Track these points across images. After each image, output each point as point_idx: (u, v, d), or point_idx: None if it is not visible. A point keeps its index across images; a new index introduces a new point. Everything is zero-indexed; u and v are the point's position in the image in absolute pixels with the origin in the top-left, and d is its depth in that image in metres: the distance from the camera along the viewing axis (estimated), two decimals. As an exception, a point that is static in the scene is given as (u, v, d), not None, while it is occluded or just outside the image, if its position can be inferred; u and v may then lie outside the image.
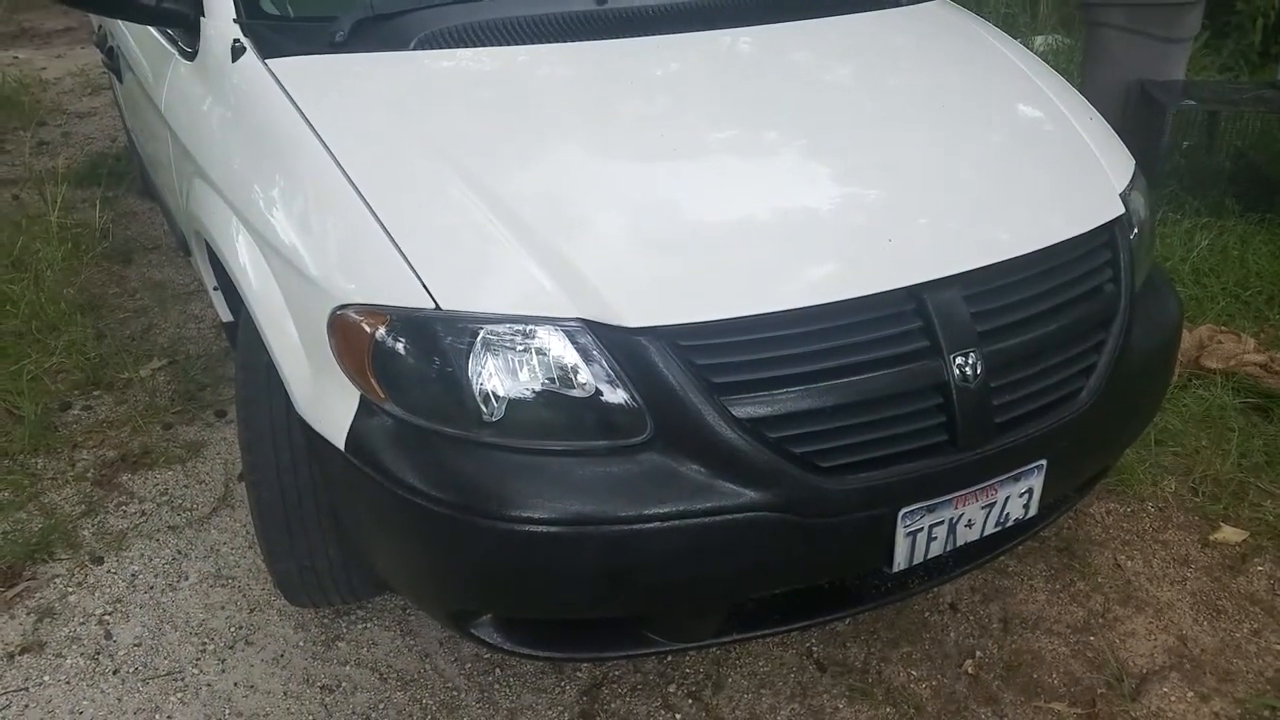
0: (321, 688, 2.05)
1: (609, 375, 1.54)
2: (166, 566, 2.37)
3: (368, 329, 1.58)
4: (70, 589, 2.31)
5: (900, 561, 1.68)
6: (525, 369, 1.55)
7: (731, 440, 1.53)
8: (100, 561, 2.39)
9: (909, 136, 1.94)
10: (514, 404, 1.55)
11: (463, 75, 2.00)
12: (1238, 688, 2.02)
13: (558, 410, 1.56)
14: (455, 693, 2.03)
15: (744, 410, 1.55)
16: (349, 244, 1.67)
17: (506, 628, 1.71)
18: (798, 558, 1.64)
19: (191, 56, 2.17)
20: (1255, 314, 3.32)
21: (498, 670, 2.07)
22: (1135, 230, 1.97)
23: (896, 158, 1.87)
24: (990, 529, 1.77)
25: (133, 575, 2.35)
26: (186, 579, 2.34)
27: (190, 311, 3.57)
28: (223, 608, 2.25)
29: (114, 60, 3.08)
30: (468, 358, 1.55)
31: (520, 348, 1.55)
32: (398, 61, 1.98)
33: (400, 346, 1.57)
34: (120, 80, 3.14)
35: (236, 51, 1.98)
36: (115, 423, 2.90)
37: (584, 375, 1.55)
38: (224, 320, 2.42)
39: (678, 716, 1.97)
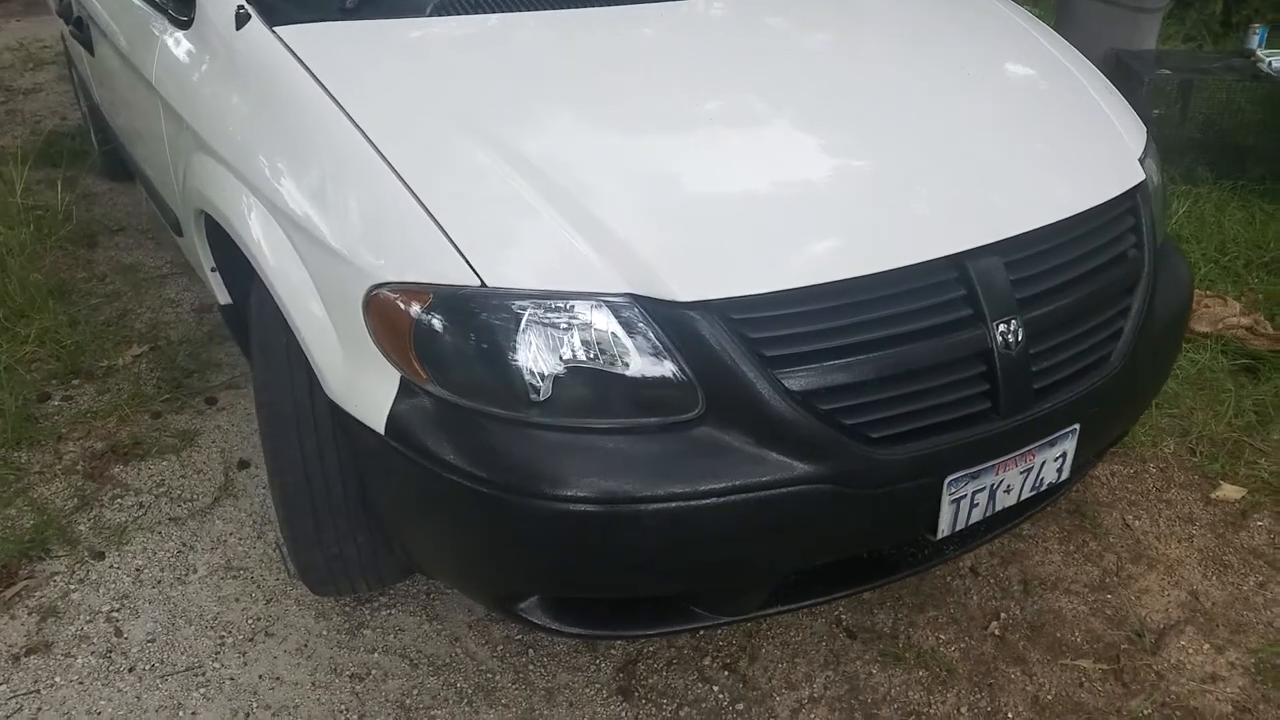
0: (350, 676, 2.01)
1: (659, 350, 1.52)
2: (172, 560, 2.31)
3: (408, 308, 1.54)
4: (72, 586, 2.23)
5: (944, 529, 1.70)
6: (573, 346, 1.52)
7: (785, 413, 1.53)
8: (101, 557, 2.31)
9: (939, 105, 1.94)
10: (562, 382, 1.52)
11: (483, 41, 1.95)
12: (1250, 639, 2.08)
13: (607, 388, 1.54)
14: (489, 675, 2.01)
15: (796, 383, 1.54)
16: (382, 219, 1.61)
17: (554, 608, 1.69)
18: (847, 529, 1.64)
19: (186, 25, 2.08)
20: (1234, 278, 3.40)
21: (531, 651, 2.05)
22: (1153, 196, 2.00)
23: (930, 126, 1.87)
24: (1026, 494, 1.79)
25: (137, 570, 2.28)
26: (195, 571, 2.27)
27: (166, 295, 3.47)
28: (237, 599, 2.20)
29: (84, 31, 2.95)
30: (515, 336, 1.51)
31: (567, 324, 1.52)
32: (413, 28, 1.92)
33: (444, 326, 1.53)
34: (91, 53, 3.00)
35: (241, 18, 1.91)
36: (100, 413, 2.81)
37: (634, 351, 1.52)
38: (221, 303, 2.34)
39: (715, 688, 1.98)
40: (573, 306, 1.52)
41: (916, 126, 1.86)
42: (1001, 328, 1.64)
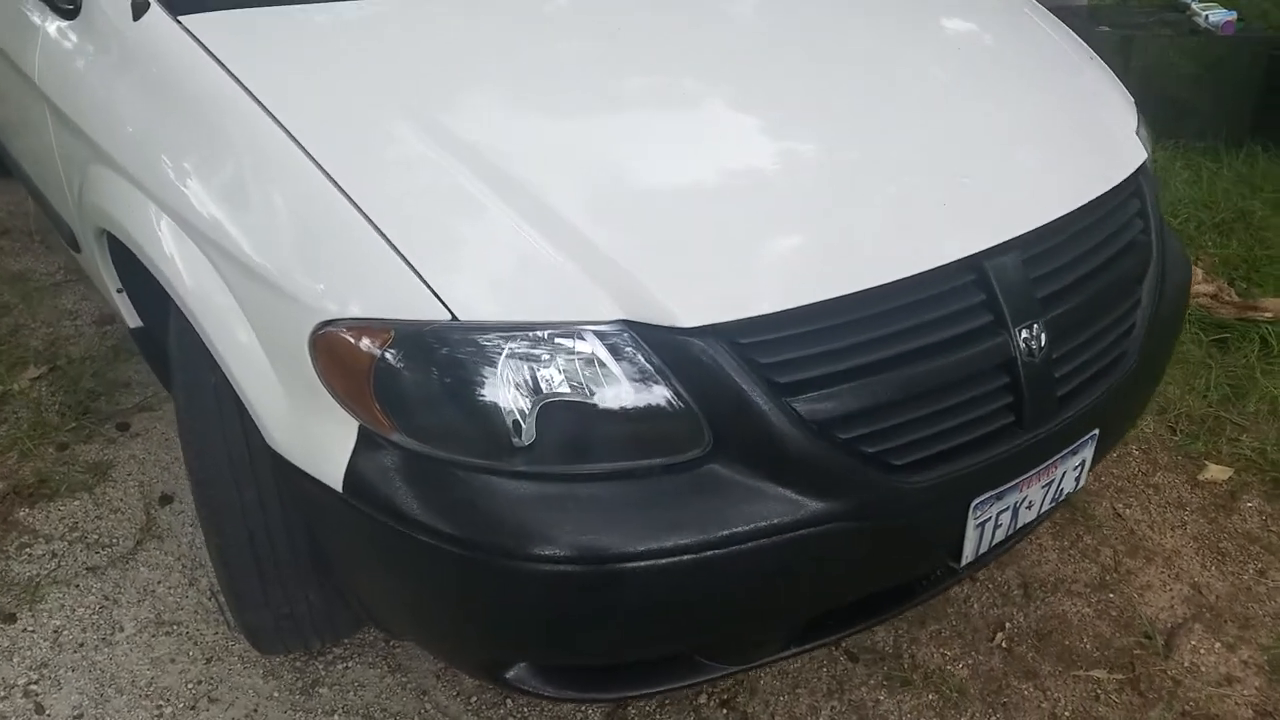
0: (310, 744, 1.81)
1: (659, 383, 1.33)
2: (94, 617, 2.05)
3: (366, 348, 1.32)
4: (-20, 657, 1.97)
5: (968, 555, 1.56)
6: (560, 383, 1.32)
7: (802, 446, 1.35)
8: (12, 619, 2.04)
9: (937, 95, 1.77)
10: (548, 425, 1.32)
11: (424, 23, 1.71)
12: (1259, 634, 2.01)
13: (600, 428, 1.34)
14: (465, 732, 1.82)
15: (811, 411, 1.37)
16: (325, 242, 1.38)
17: (545, 672, 1.50)
18: (870, 565, 1.49)
19: (72, 14, 1.79)
20: (1188, 241, 3.34)
21: (508, 701, 1.87)
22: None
23: (930, 119, 1.70)
24: (1045, 507, 1.67)
25: (55, 632, 2.02)
26: (122, 630, 2.02)
27: (62, 306, 3.13)
28: (173, 660, 1.96)
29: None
30: (493, 375, 1.31)
31: (552, 359, 1.32)
32: (339, 11, 1.68)
33: (408, 367, 1.32)
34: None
35: (139, 7, 1.64)
36: (-3, 447, 2.51)
37: (629, 385, 1.33)
38: (131, 326, 2.07)
39: (714, 730, 1.83)
40: (558, 338, 1.32)
41: (917, 120, 1.69)
42: (1024, 333, 1.50)
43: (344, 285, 1.35)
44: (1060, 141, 1.77)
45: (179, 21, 1.59)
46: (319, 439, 1.40)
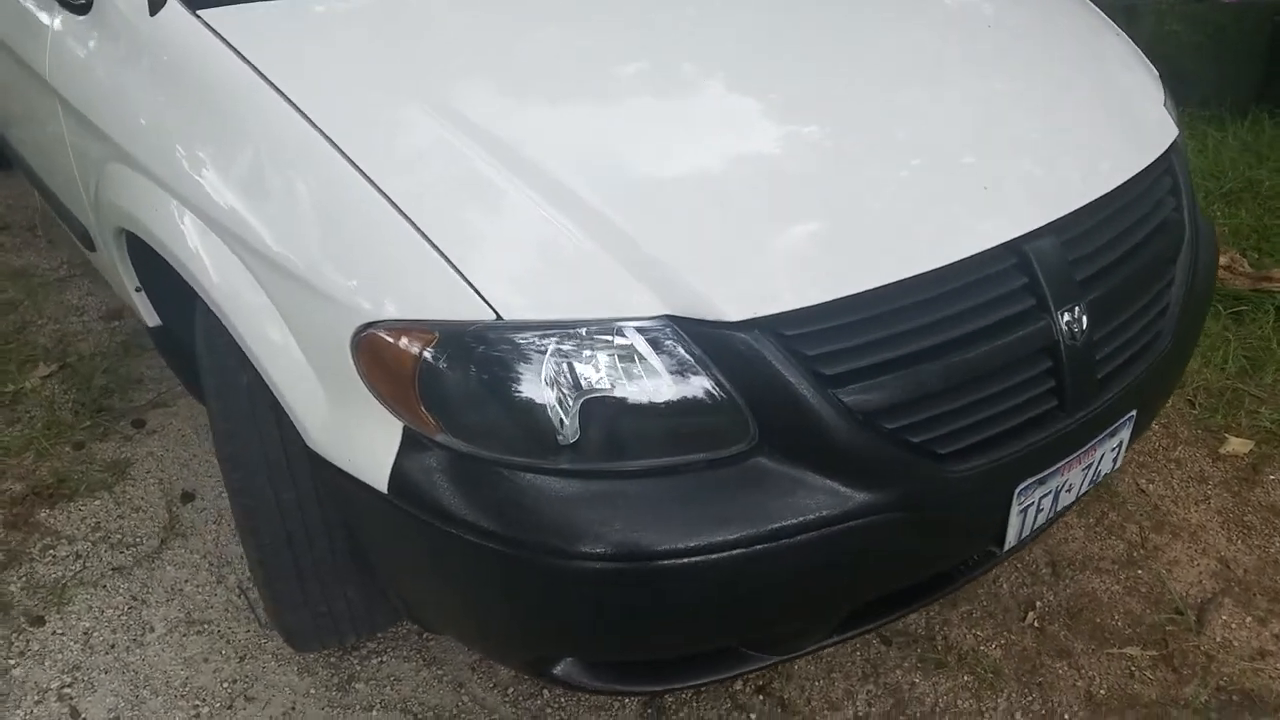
0: (349, 741, 1.80)
1: (704, 377, 1.32)
2: (124, 618, 2.04)
3: (411, 350, 1.30)
4: (12, 660, 1.95)
5: (1011, 540, 1.56)
6: (604, 380, 1.31)
7: (849, 437, 1.35)
8: (41, 622, 2.03)
9: (969, 75, 1.75)
10: (593, 422, 1.31)
11: (444, 12, 1.69)
12: (1290, 606, 2.02)
13: (647, 423, 1.33)
14: (504, 725, 1.82)
15: (857, 402, 1.36)
16: (363, 242, 1.36)
17: (592, 667, 1.50)
18: (916, 554, 1.49)
19: (84, 9, 1.75)
20: (1199, 211, 3.33)
21: (545, 693, 1.87)
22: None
23: (963, 101, 1.68)
24: (1084, 490, 1.67)
25: (86, 634, 2.00)
26: (152, 630, 2.01)
27: (68, 302, 3.11)
28: (206, 659, 1.95)
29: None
30: (538, 373, 1.29)
31: (597, 356, 1.31)
32: (362, 4, 1.65)
33: (454, 368, 1.30)
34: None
35: (155, 3, 1.60)
36: (11, 448, 2.48)
37: (675, 380, 1.32)
38: (150, 325, 2.05)
39: (752, 716, 1.83)
40: (602, 334, 1.30)
41: (950, 102, 1.67)
42: (1066, 316, 1.49)
43: (385, 285, 1.33)
44: (1093, 121, 1.75)
45: (198, 16, 1.56)
46: (361, 440, 1.39)
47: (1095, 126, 1.75)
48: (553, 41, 1.67)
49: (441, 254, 1.30)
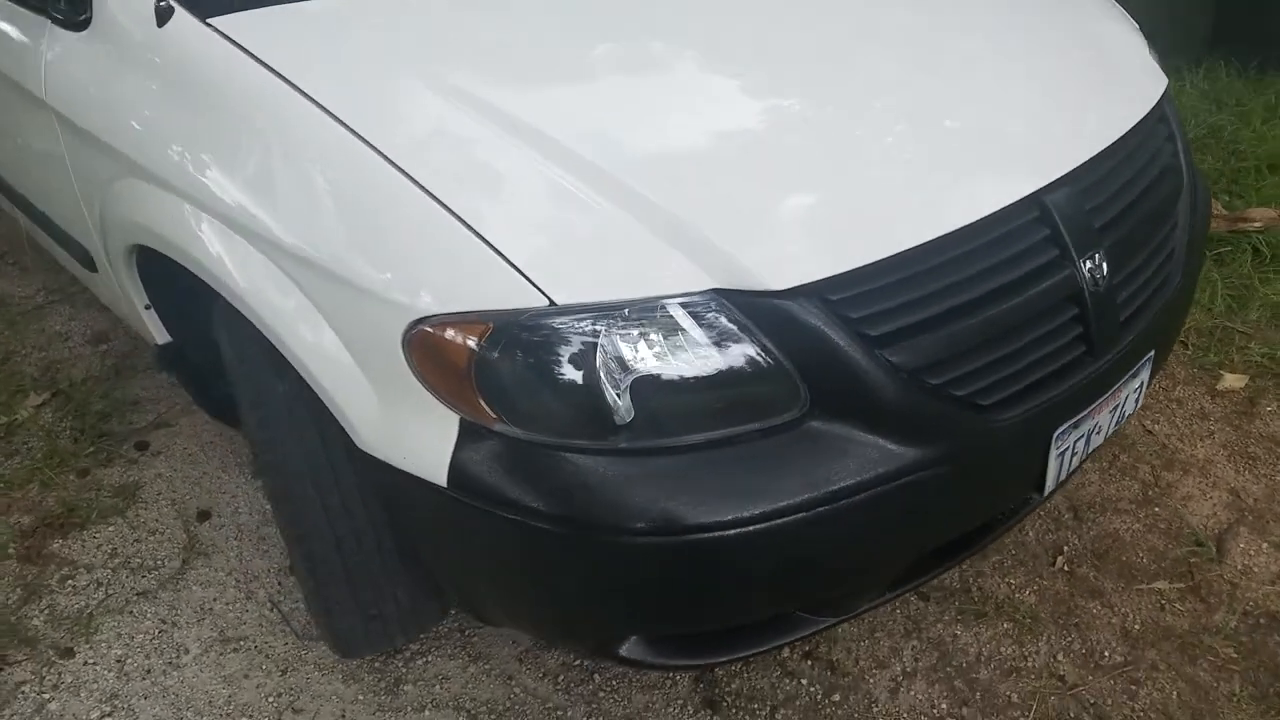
0: (405, 743, 1.80)
1: (754, 347, 1.33)
2: (156, 642, 2.01)
3: (465, 343, 1.31)
4: (46, 695, 1.92)
5: (1050, 484, 1.60)
6: (658, 357, 1.32)
7: (899, 395, 1.37)
8: (70, 654, 2.00)
9: (973, 39, 1.78)
10: (649, 399, 1.32)
11: (454, 4, 1.68)
12: (1303, 531, 2.09)
13: (701, 397, 1.34)
14: (560, 711, 1.82)
15: (902, 360, 1.38)
16: (408, 238, 1.36)
17: (658, 643, 1.51)
18: (966, 504, 1.53)
19: (82, 25, 1.72)
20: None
21: (596, 676, 1.88)
22: (1171, 97, 1.91)
23: (970, 63, 1.71)
24: (1110, 430, 1.71)
25: (119, 661, 1.97)
26: (187, 652, 1.99)
27: (50, 329, 3.03)
28: (246, 675, 1.93)
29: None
30: (593, 356, 1.30)
31: (649, 334, 1.32)
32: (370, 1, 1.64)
33: (511, 356, 1.30)
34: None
35: (163, 14, 1.58)
36: (14, 481, 2.42)
37: (725, 353, 1.33)
38: (158, 343, 2.02)
39: (803, 681, 1.85)
40: (653, 313, 1.32)
41: (958, 65, 1.70)
42: (1088, 264, 1.53)
43: (434, 280, 1.33)
44: (1091, 76, 1.80)
45: (208, 24, 1.54)
46: (415, 436, 1.39)
47: (1094, 80, 1.79)
48: (559, 30, 1.66)
49: (489, 244, 1.30)
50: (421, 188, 1.35)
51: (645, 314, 1.31)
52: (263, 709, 1.87)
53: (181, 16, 1.56)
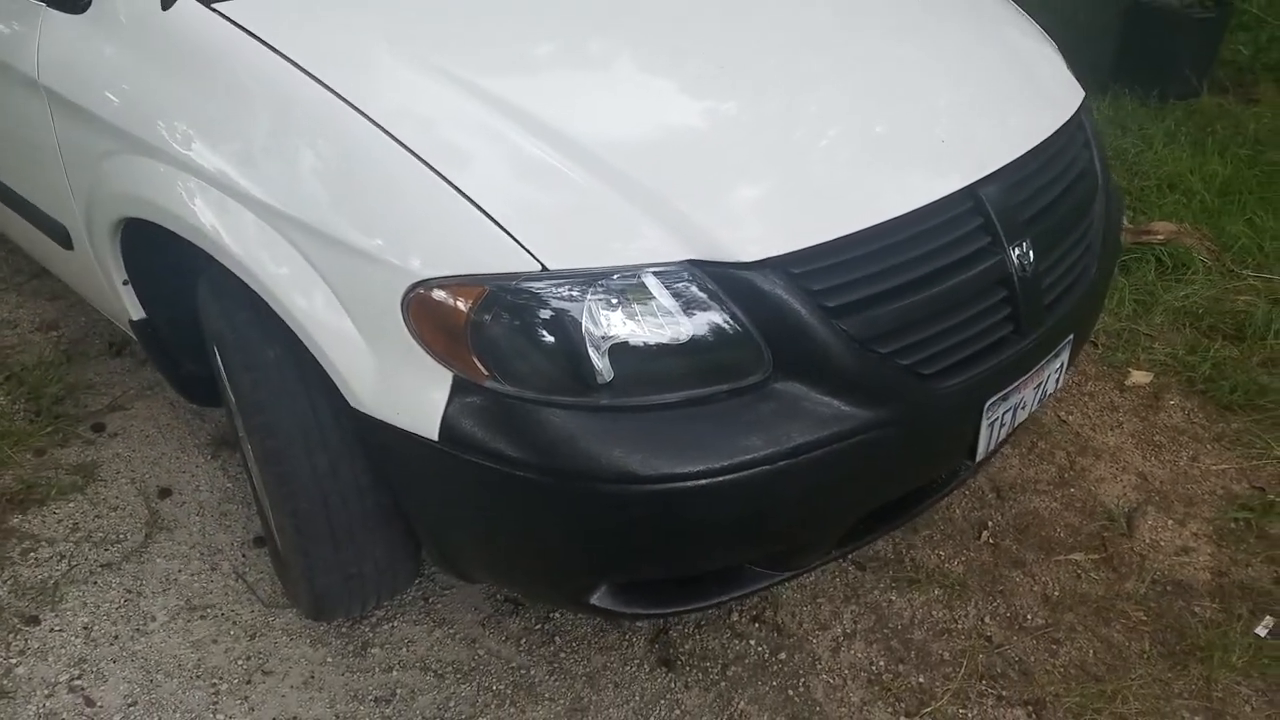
0: (375, 700, 1.87)
1: (725, 315, 1.47)
2: (122, 610, 2.05)
3: (461, 305, 1.41)
4: (13, 659, 1.94)
5: (981, 451, 1.76)
6: (637, 321, 1.45)
7: (853, 362, 1.52)
8: (35, 621, 2.02)
9: (910, 48, 1.94)
10: (628, 360, 1.45)
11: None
12: (1203, 509, 2.30)
13: (674, 360, 1.47)
14: (522, 671, 1.92)
15: (857, 330, 1.53)
16: (407, 206, 1.46)
17: (624, 593, 1.62)
18: (908, 466, 1.67)
19: (81, 8, 1.78)
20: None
21: (557, 638, 1.98)
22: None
23: (912, 70, 1.87)
24: (1034, 408, 1.88)
25: (85, 628, 2.01)
26: (154, 619, 2.03)
27: (-2, 316, 3.03)
28: (215, 641, 1.98)
29: None
30: (580, 319, 1.42)
31: (630, 300, 1.44)
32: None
33: (504, 317, 1.42)
34: None
35: (168, -1, 1.66)
36: (-33, 460, 2.43)
37: (699, 319, 1.46)
38: (133, 318, 2.07)
39: (752, 642, 1.98)
40: (635, 280, 1.44)
41: (899, 71, 1.86)
42: (1017, 251, 1.69)
43: (433, 245, 1.44)
44: (1020, 84, 1.99)
45: (212, 9, 1.62)
46: (409, 394, 1.48)
47: (1022, 88, 1.98)
48: (548, 14, 1.79)
49: (485, 213, 1.41)
50: (421, 159, 1.45)
51: (627, 280, 1.44)
52: (232, 671, 1.92)
53: (185, 0, 1.64)
